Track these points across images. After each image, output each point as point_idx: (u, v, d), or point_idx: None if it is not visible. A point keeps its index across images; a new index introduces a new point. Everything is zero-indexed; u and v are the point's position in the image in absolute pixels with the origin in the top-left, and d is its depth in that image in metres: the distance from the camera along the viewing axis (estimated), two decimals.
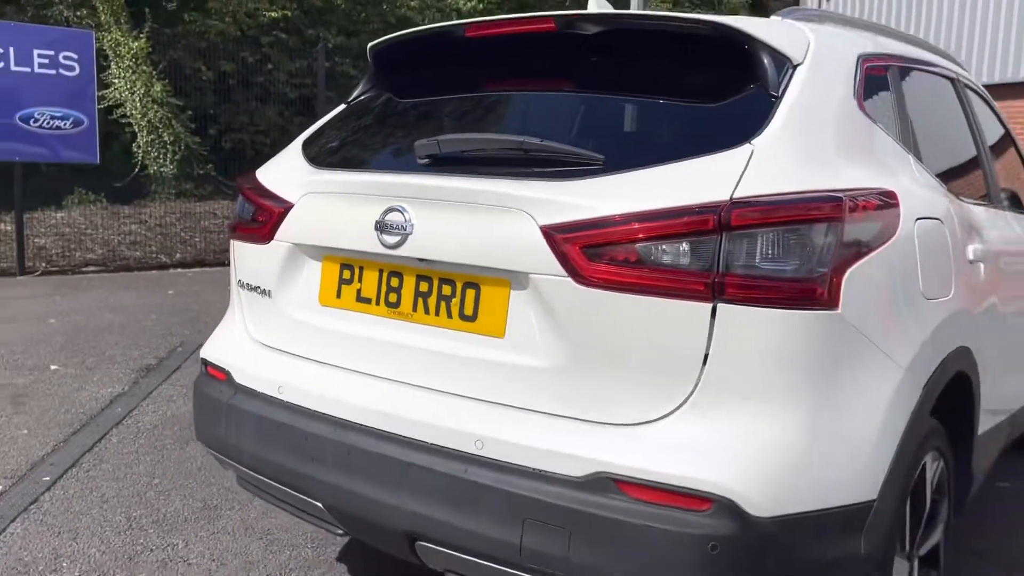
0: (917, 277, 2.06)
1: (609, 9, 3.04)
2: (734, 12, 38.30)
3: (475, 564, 1.93)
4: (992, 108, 3.67)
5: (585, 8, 3.09)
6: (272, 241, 2.37)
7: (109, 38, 14.08)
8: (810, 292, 1.75)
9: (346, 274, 2.24)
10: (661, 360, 1.78)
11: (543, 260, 1.86)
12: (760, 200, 1.76)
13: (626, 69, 2.24)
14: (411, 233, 2.04)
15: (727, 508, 1.68)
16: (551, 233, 1.85)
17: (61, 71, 9.01)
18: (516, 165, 2.02)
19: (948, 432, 2.37)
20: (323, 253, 2.28)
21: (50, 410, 4.47)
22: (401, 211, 2.06)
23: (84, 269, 9.68)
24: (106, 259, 10.06)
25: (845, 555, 1.81)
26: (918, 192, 2.23)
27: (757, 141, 1.87)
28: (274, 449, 2.24)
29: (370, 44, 2.67)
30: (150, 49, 14.30)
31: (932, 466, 2.23)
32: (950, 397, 2.31)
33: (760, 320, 1.73)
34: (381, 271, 2.17)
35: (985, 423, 2.68)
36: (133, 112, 14.03)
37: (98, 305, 7.48)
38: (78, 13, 17.88)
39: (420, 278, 2.10)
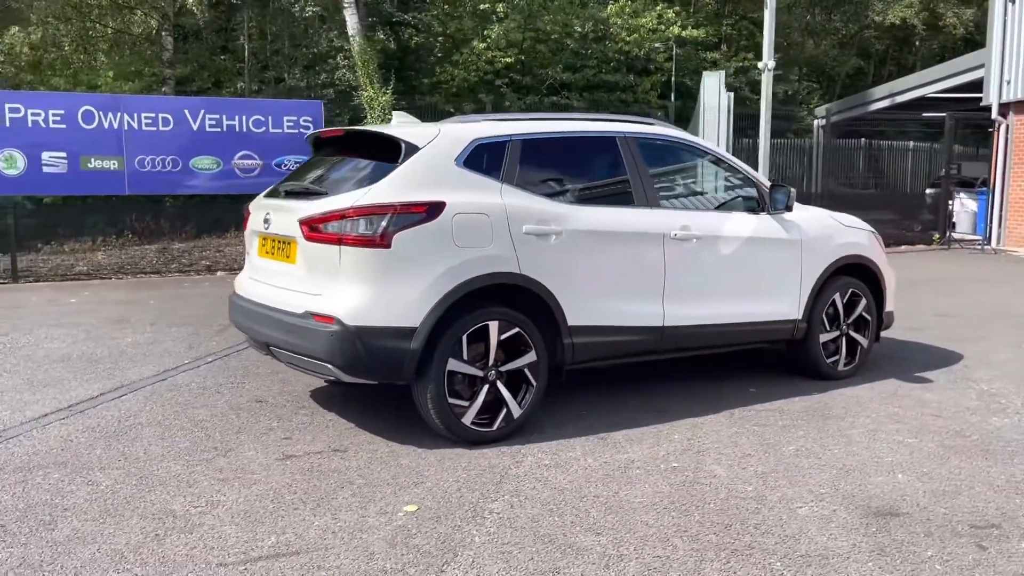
0: (452, 237, 4.51)
1: (411, 120, 5.52)
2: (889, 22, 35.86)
3: (284, 353, 4.81)
4: (693, 147, 5.76)
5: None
6: (247, 230, 5.43)
7: (365, 95, 17.93)
8: (376, 242, 4.39)
9: (262, 241, 5.20)
10: (326, 269, 4.52)
11: (299, 232, 4.66)
12: (361, 206, 4.44)
13: (356, 151, 5.02)
14: (272, 223, 4.96)
15: (338, 321, 4.39)
16: (299, 221, 4.65)
17: (300, 129, 12.94)
18: (302, 194, 4.90)
19: (529, 314, 4.81)
20: (257, 234, 5.27)
21: (236, 336, 7.98)
22: (269, 214, 5.01)
23: None
24: None
25: (403, 347, 4.41)
26: (473, 201, 4.60)
27: (375, 184, 4.55)
28: (244, 318, 5.26)
29: (306, 136, 5.69)
30: (393, 102, 17.88)
31: (496, 326, 4.64)
32: (524, 297, 4.79)
33: (358, 253, 4.42)
34: (270, 239, 5.09)
35: (579, 319, 4.89)
36: None
37: None
38: (353, 74, 22.46)
39: (276, 241, 4.99)
